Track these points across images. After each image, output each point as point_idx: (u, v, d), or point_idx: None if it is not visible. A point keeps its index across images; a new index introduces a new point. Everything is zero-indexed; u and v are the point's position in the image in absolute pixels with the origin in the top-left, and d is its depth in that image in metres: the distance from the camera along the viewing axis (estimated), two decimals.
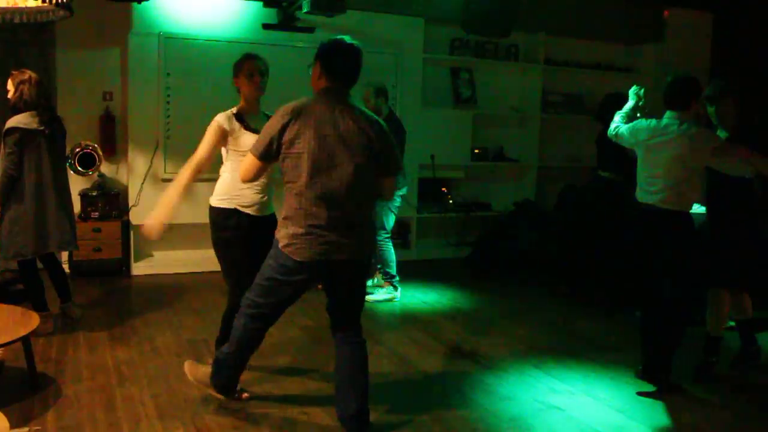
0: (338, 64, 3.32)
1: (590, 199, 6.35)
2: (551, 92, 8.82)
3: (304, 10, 6.27)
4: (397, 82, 7.55)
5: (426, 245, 8.26)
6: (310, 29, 6.95)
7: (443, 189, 8.22)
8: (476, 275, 7.45)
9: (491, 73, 8.61)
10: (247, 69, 3.99)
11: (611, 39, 8.85)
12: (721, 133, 4.33)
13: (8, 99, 4.84)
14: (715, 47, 8.60)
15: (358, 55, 3.35)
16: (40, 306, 4.97)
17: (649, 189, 4.24)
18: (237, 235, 3.97)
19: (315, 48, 3.46)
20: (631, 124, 4.45)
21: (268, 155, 3.30)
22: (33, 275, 5.02)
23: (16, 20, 4.36)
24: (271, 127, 3.28)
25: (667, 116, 4.20)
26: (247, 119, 4.00)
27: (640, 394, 4.19)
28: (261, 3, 6.95)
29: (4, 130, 4.72)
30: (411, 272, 7.16)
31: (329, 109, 3.28)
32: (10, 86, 4.84)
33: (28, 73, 4.84)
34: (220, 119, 4.01)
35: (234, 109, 4.05)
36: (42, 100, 4.82)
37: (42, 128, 4.77)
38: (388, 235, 6.16)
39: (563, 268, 6.65)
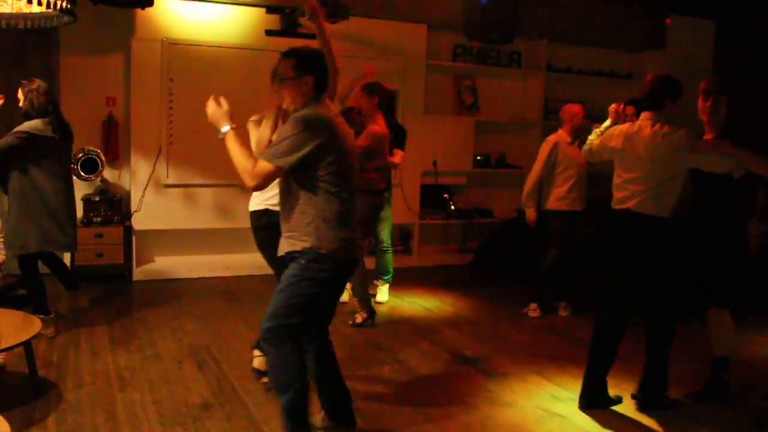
0: (326, 75, 3.36)
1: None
2: (553, 99, 8.82)
3: (307, 16, 6.28)
4: (400, 88, 7.57)
5: (428, 251, 8.26)
6: (312, 35, 6.96)
7: (445, 195, 8.23)
8: (478, 282, 7.44)
9: (494, 80, 8.63)
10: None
11: (613, 46, 8.85)
12: (708, 134, 4.12)
13: (20, 107, 4.95)
14: (717, 54, 8.60)
15: None
16: (42, 309, 4.99)
17: (624, 194, 4.05)
18: (270, 234, 3.90)
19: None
20: (602, 136, 4.29)
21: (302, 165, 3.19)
22: (34, 276, 5.06)
23: (21, 26, 4.37)
24: (306, 139, 3.15)
25: (642, 117, 4.06)
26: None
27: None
28: (264, 9, 6.98)
29: (14, 131, 4.82)
30: (413, 278, 7.17)
31: (335, 115, 3.35)
32: (20, 95, 4.96)
33: (37, 82, 4.95)
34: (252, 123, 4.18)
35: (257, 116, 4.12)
36: (50, 108, 4.94)
37: (53, 135, 4.90)
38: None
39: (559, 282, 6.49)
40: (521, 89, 8.77)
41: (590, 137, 4.47)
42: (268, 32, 6.95)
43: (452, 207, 8.24)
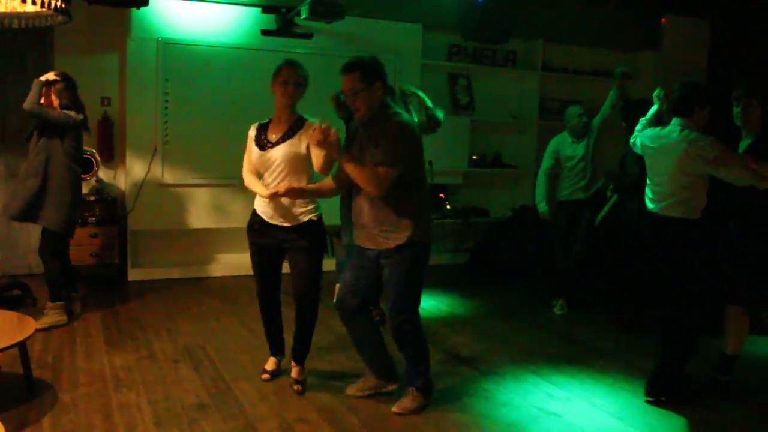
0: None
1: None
2: (549, 99, 8.84)
3: (303, 16, 6.29)
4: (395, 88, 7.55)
5: None
6: (308, 35, 6.97)
7: (441, 195, 8.23)
8: (474, 281, 7.45)
9: (489, 80, 8.63)
10: (283, 76, 3.93)
11: (609, 46, 8.87)
12: (746, 139, 4.19)
13: (56, 101, 5.18)
14: (713, 54, 8.62)
15: None
16: (58, 296, 5.22)
17: (654, 197, 4.21)
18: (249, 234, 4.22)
19: (314, 54, 3.56)
20: (644, 133, 4.42)
21: None
22: (60, 260, 5.31)
23: (15, 25, 4.36)
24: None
25: (672, 123, 4.18)
26: (269, 129, 4.02)
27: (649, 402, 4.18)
28: (260, 9, 6.97)
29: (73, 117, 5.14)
30: None
31: None
32: (55, 92, 5.17)
33: (65, 74, 5.27)
34: (250, 129, 4.15)
35: (270, 118, 4.10)
36: (79, 102, 5.30)
37: (86, 130, 5.38)
38: None
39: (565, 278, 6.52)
40: (517, 89, 8.77)
41: (637, 127, 4.59)
42: (264, 32, 6.95)
43: (448, 207, 8.25)
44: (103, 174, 6.94)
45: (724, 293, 4.26)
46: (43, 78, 5.10)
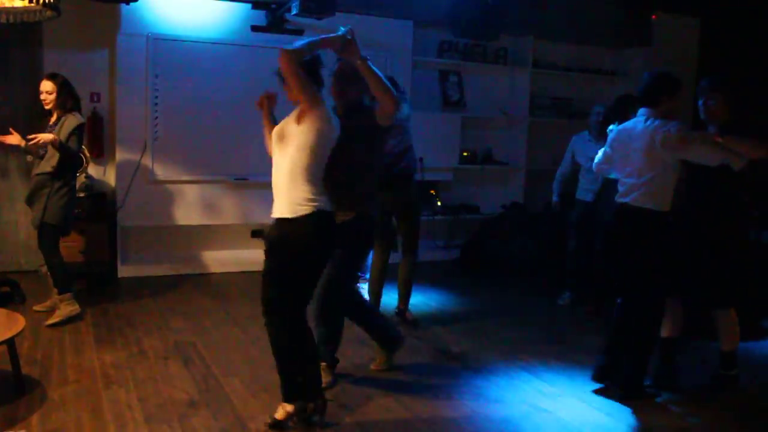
0: None
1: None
2: (539, 95, 8.84)
3: (293, 12, 6.27)
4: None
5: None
6: (299, 31, 6.95)
7: (432, 192, 8.23)
8: (464, 278, 7.46)
9: (480, 76, 8.63)
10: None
11: (599, 43, 8.89)
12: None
13: (57, 100, 5.21)
14: (703, 51, 8.65)
15: None
16: (66, 287, 5.27)
17: (623, 190, 4.14)
18: None
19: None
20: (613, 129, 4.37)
21: None
22: (59, 253, 5.35)
23: (3, 20, 4.35)
24: None
25: (639, 113, 4.13)
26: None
27: (596, 392, 4.24)
28: (250, 5, 6.95)
29: (77, 125, 5.19)
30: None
31: None
32: (50, 87, 5.21)
33: (62, 76, 5.29)
34: None
35: None
36: (78, 100, 5.36)
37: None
38: None
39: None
40: (507, 85, 8.77)
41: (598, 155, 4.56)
42: (254, 28, 6.92)
43: (438, 203, 8.25)
44: (93, 170, 6.91)
45: (708, 297, 4.24)
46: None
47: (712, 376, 4.42)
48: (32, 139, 4.96)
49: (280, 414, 3.55)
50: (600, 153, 4.47)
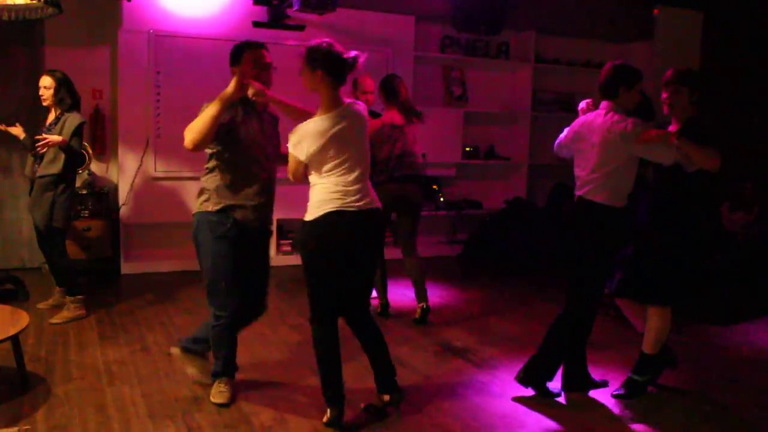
0: None
1: None
2: (542, 90, 8.84)
3: (295, 8, 6.26)
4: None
5: (417, 243, 8.23)
6: (300, 27, 6.95)
7: (434, 187, 8.22)
8: (467, 273, 7.46)
9: (482, 71, 8.63)
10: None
11: (601, 37, 8.88)
12: (675, 125, 4.04)
13: (55, 96, 5.18)
14: (705, 45, 8.62)
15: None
16: (76, 290, 5.28)
17: (580, 183, 4.05)
18: None
19: (304, 46, 3.50)
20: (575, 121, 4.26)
21: None
22: (67, 255, 5.37)
23: (5, 17, 4.34)
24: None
25: (600, 107, 4.05)
26: None
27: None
28: (251, 1, 6.94)
29: (79, 125, 5.16)
30: (402, 270, 7.15)
31: None
32: (49, 83, 5.17)
33: (61, 72, 5.25)
34: None
35: None
36: (78, 98, 5.33)
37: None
38: None
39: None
40: (510, 80, 8.77)
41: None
42: (256, 24, 6.92)
43: (441, 199, 8.24)
44: (95, 167, 6.92)
45: (641, 292, 4.14)
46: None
47: (626, 379, 4.22)
48: (41, 140, 4.95)
49: (324, 418, 3.59)
50: (562, 134, 4.35)
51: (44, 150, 5.04)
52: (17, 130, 5.22)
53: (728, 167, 3.87)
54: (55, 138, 4.98)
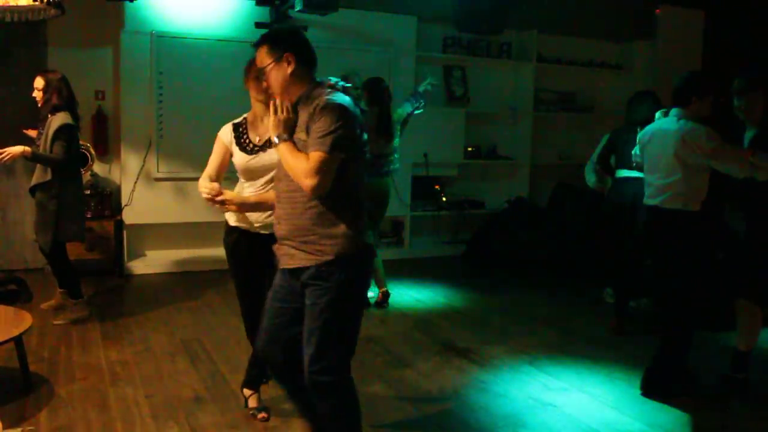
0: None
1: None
2: (544, 90, 8.83)
3: (297, 8, 6.25)
4: (389, 80, 7.54)
5: (419, 243, 8.26)
6: (302, 28, 6.94)
7: (436, 187, 8.24)
8: (470, 273, 7.46)
9: (484, 71, 8.62)
10: (255, 70, 3.23)
11: (603, 36, 8.87)
12: (749, 131, 4.11)
13: (43, 97, 5.05)
14: (707, 44, 8.62)
15: None
16: (77, 293, 5.28)
17: (653, 191, 4.13)
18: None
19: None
20: (646, 127, 4.33)
21: None
22: (67, 261, 5.28)
23: (7, 18, 4.35)
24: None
25: (671, 113, 4.10)
26: (250, 130, 3.55)
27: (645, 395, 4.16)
28: (253, 1, 6.93)
29: (59, 127, 4.92)
30: (405, 270, 7.17)
31: None
32: (40, 84, 5.06)
33: (59, 73, 5.13)
34: (221, 131, 3.59)
35: (243, 117, 3.62)
36: (74, 99, 5.16)
37: (78, 125, 5.15)
38: None
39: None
40: (511, 80, 8.76)
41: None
42: (258, 24, 6.91)
43: (443, 199, 8.25)
44: (98, 168, 6.93)
45: (731, 287, 4.19)
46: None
47: (721, 376, 4.30)
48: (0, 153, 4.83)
49: None
50: (636, 149, 4.42)
51: (8, 162, 4.94)
52: (33, 134, 5.22)
53: None
54: (14, 150, 4.83)
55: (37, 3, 4.08)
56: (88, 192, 6.57)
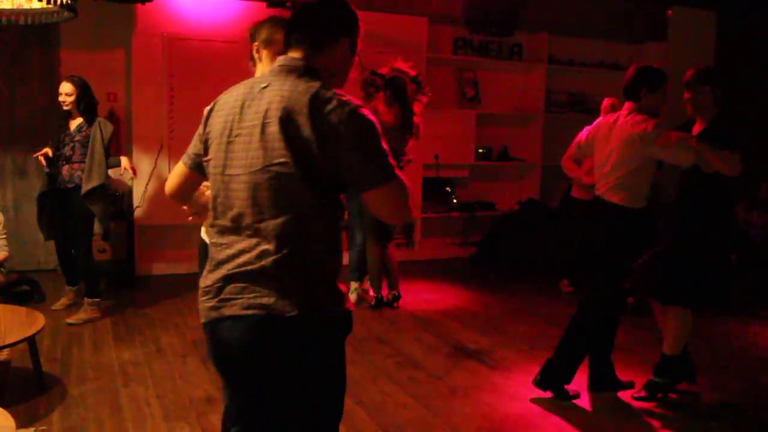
0: None
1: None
2: (555, 91, 8.81)
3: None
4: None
5: (430, 245, 8.26)
6: None
7: (447, 188, 8.23)
8: (480, 274, 7.45)
9: (495, 73, 8.61)
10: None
11: (614, 38, 8.84)
12: (700, 126, 4.01)
13: (75, 101, 5.24)
14: (719, 45, 8.58)
15: None
16: (96, 292, 5.37)
17: (599, 184, 4.05)
18: None
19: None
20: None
21: None
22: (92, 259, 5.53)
23: (21, 21, 4.37)
24: None
25: (624, 107, 4.03)
26: None
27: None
28: (265, 3, 6.97)
29: (111, 132, 5.38)
30: (415, 272, 7.17)
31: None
32: (69, 89, 5.23)
33: (80, 78, 5.33)
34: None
35: None
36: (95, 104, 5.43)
37: None
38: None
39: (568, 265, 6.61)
40: (523, 81, 8.75)
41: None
42: None
43: (454, 200, 8.24)
44: (110, 170, 6.94)
45: (662, 292, 4.07)
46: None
47: (647, 381, 4.17)
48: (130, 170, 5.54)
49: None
50: (582, 133, 4.35)
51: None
52: (47, 151, 5.36)
53: (744, 167, 3.82)
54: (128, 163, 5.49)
55: (50, 6, 4.10)
56: None
